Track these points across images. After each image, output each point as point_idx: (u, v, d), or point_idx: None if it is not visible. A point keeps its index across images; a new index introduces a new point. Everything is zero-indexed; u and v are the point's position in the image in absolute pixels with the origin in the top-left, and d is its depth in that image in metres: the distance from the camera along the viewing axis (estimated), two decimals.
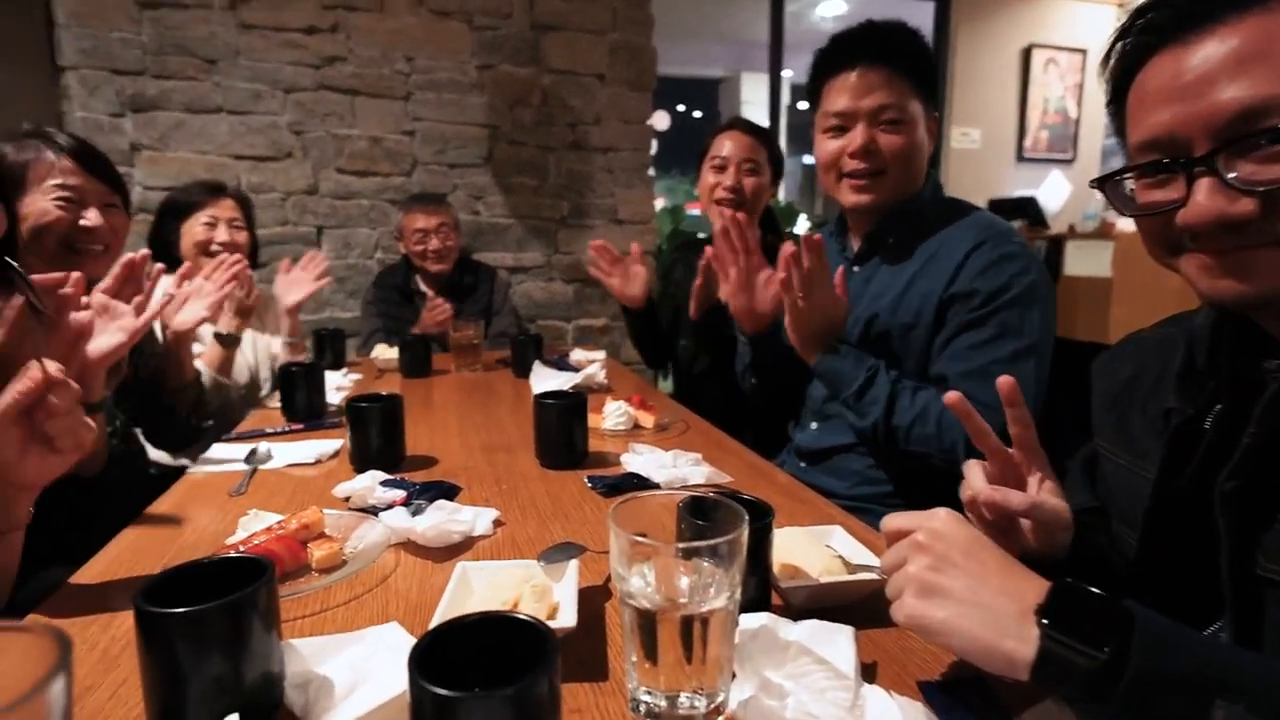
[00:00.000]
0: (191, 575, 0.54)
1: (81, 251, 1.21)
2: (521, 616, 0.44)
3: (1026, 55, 4.78)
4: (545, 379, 1.72)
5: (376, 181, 2.83)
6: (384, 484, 0.97)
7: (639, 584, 0.52)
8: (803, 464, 1.38)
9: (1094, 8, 4.91)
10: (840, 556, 0.72)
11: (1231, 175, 0.53)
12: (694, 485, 1.02)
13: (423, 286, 2.46)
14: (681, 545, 0.53)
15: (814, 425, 1.39)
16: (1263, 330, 0.60)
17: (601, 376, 1.75)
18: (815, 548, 0.73)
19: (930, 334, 1.20)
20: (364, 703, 0.51)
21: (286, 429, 1.36)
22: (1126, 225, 4.10)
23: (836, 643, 0.54)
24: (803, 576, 0.68)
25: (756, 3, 4.83)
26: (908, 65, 1.22)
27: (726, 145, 1.87)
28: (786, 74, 4.95)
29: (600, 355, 2.11)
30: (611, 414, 1.34)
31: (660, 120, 3.26)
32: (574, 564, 0.69)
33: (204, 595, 0.49)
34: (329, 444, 1.21)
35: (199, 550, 0.83)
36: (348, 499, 0.96)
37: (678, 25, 5.47)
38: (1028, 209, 4.33)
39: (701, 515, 0.56)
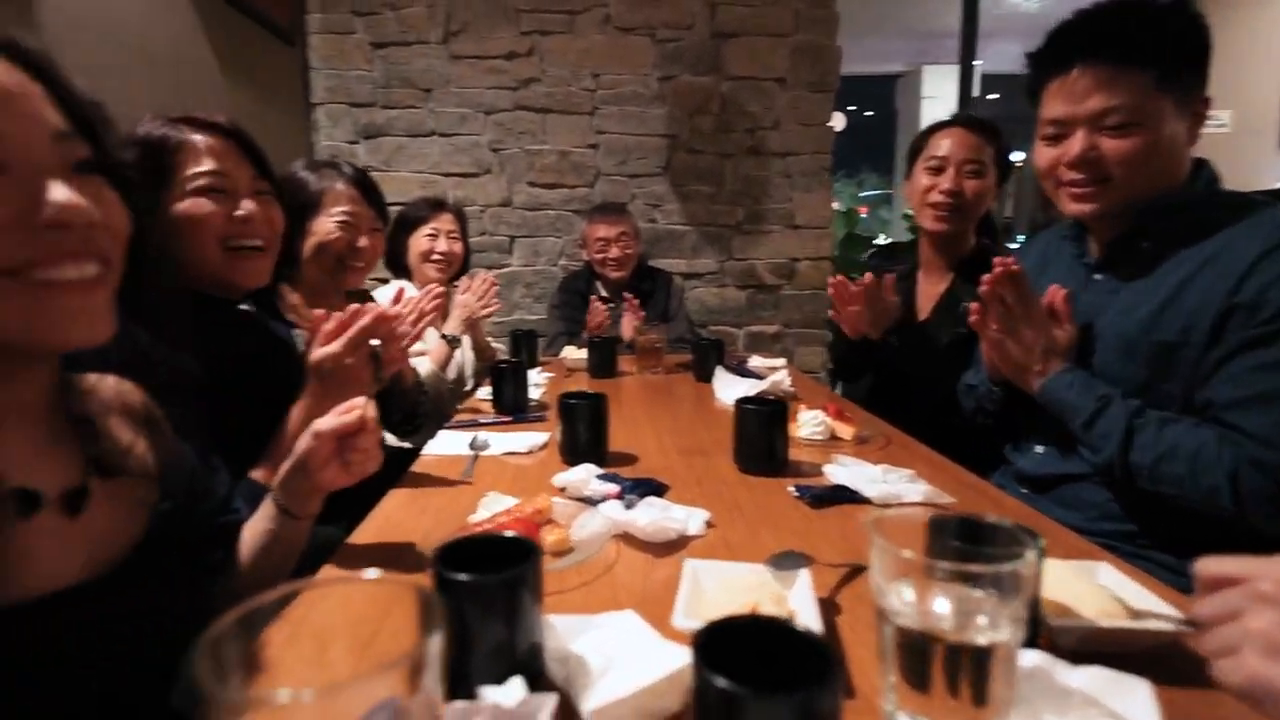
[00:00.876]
0: (466, 547, 0.59)
1: (349, 268, 1.40)
2: (800, 627, 0.43)
3: None
4: (729, 384, 1.72)
5: (563, 193, 3.00)
6: (599, 477, 1.01)
7: (898, 603, 0.49)
8: (1025, 490, 1.22)
9: None
10: (1119, 598, 0.64)
11: None
12: (913, 503, 0.97)
13: (602, 291, 2.57)
14: (954, 568, 0.49)
15: (1039, 449, 1.23)
16: None
17: (788, 384, 1.72)
18: (1083, 584, 0.65)
19: (1202, 353, 1.01)
20: (623, 684, 0.53)
21: (496, 420, 1.47)
22: None
23: (1133, 697, 0.48)
24: (1074, 616, 0.61)
25: None
26: (1152, 52, 1.03)
27: (945, 144, 1.70)
28: (978, 64, 4.61)
29: (781, 363, 2.08)
30: (807, 423, 1.31)
31: (838, 122, 3.15)
32: (806, 573, 0.67)
33: (478, 566, 0.54)
34: (537, 436, 1.29)
35: (445, 524, 0.91)
36: (563, 489, 1.01)
37: (858, 21, 5.29)
38: None
39: (966, 536, 0.52)
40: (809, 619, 0.60)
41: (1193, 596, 0.51)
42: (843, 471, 1.07)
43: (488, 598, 0.53)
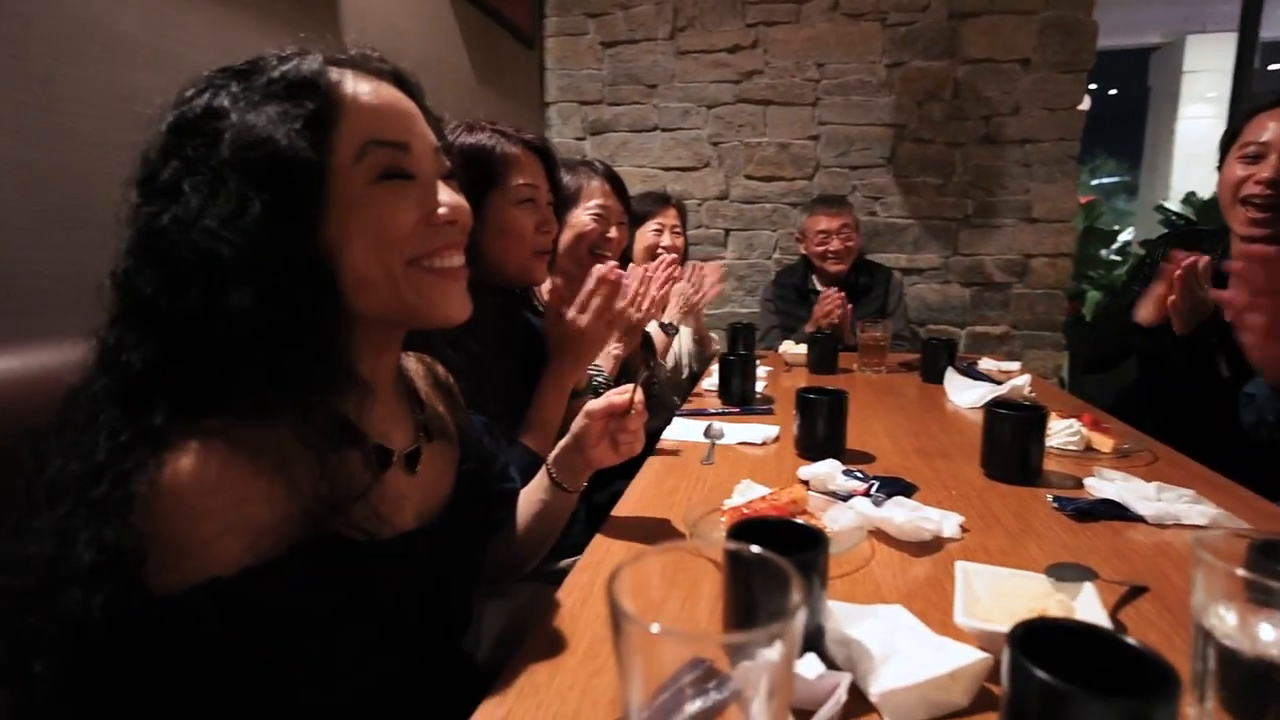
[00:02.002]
0: (753, 528, 0.66)
1: (599, 257, 1.54)
2: (1133, 641, 0.44)
3: None
4: (962, 387, 1.65)
5: (780, 186, 3.00)
6: (844, 473, 1.04)
7: (1219, 623, 0.48)
8: None
9: None
10: None
11: None
12: (1192, 526, 0.89)
13: (818, 285, 2.55)
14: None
15: None
16: None
17: (1029, 390, 1.61)
18: None
19: None
20: (908, 673, 0.56)
21: (724, 410, 1.54)
22: None
23: None
24: None
25: None
26: None
27: (1269, 128, 1.40)
28: (1267, 32, 3.87)
29: (1017, 366, 1.95)
30: (1060, 432, 1.23)
31: (1085, 104, 2.83)
32: (1091, 587, 0.66)
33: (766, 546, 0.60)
34: (768, 428, 1.34)
35: (701, 503, 0.98)
36: (807, 482, 1.05)
37: None
38: None
39: None
40: None
41: None
42: (1109, 486, 1.00)
43: (785, 573, 0.59)
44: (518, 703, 0.58)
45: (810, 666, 0.56)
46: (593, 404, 0.87)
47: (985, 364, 2.03)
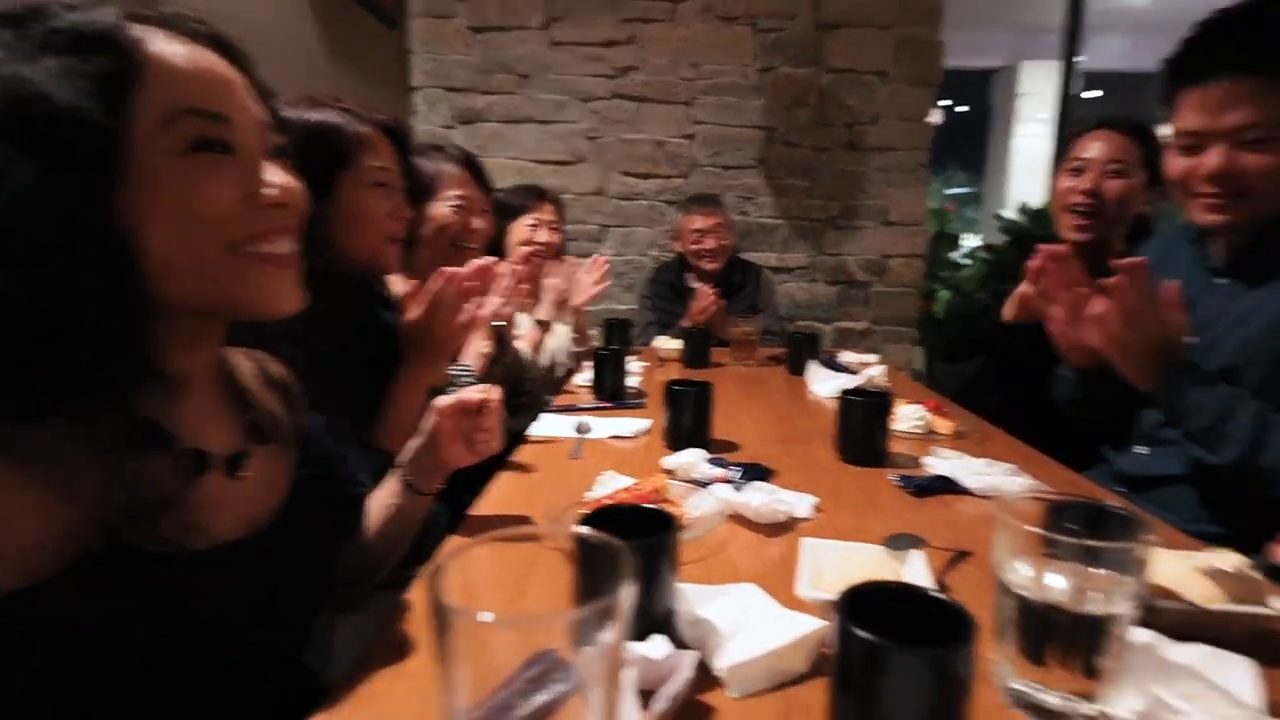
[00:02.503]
0: (605, 516, 0.66)
1: (463, 249, 1.48)
2: (940, 595, 0.47)
3: None
4: (823, 378, 1.74)
5: (657, 183, 3.05)
6: (708, 461, 1.06)
7: (1019, 576, 0.53)
8: (1120, 488, 1.22)
9: None
10: (1220, 583, 0.65)
11: None
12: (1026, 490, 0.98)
13: (693, 283, 2.61)
14: (1084, 543, 0.52)
15: (1141, 450, 1.24)
16: None
17: (883, 379, 1.72)
18: (1186, 569, 0.68)
19: None
20: (753, 646, 0.58)
21: (596, 405, 1.54)
22: None
23: (1236, 673, 0.52)
24: (1180, 600, 0.64)
25: None
26: None
27: (1091, 147, 1.63)
28: (1080, 60, 4.38)
29: (875, 358, 2.08)
30: (907, 417, 1.32)
31: (935, 117, 3.08)
32: (919, 554, 0.71)
33: (616, 534, 0.60)
34: (639, 422, 1.35)
35: (562, 499, 0.97)
36: (672, 471, 1.07)
37: (957, 14, 5.10)
38: None
39: (1085, 522, 0.55)
40: None
41: None
42: (943, 464, 1.09)
43: (635, 561, 0.59)
44: (352, 712, 0.54)
45: (657, 648, 0.56)
46: (442, 401, 0.83)
47: (846, 357, 2.14)
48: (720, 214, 2.56)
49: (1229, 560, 0.66)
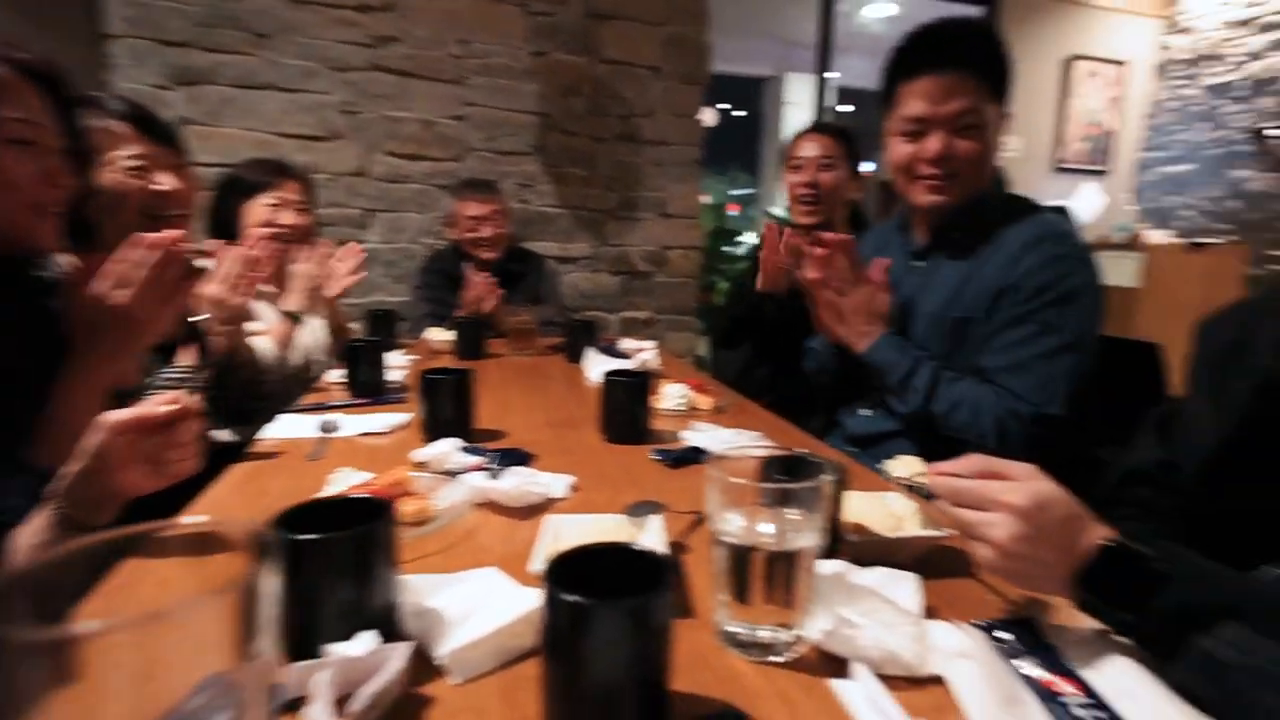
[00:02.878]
0: (313, 512, 0.57)
1: (160, 218, 1.22)
2: (638, 546, 0.47)
3: (1068, 66, 4.70)
4: (599, 364, 1.75)
5: (427, 166, 2.87)
6: (462, 450, 1.00)
7: (731, 526, 0.56)
8: (851, 448, 1.39)
9: (1138, 20, 4.81)
10: (902, 516, 0.75)
11: None
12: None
13: (470, 272, 2.51)
14: (770, 487, 0.57)
15: (865, 412, 1.42)
16: None
17: (656, 363, 1.77)
18: (878, 508, 0.77)
19: (983, 327, 1.23)
20: (480, 627, 0.54)
21: (351, 403, 1.40)
22: (1157, 237, 4.03)
23: (902, 588, 0.60)
24: (869, 532, 0.72)
25: (804, 1, 4.81)
26: (986, 67, 1.22)
27: (805, 147, 1.97)
28: (833, 76, 4.92)
29: (651, 344, 2.13)
30: (671, 396, 1.37)
31: (709, 116, 3.27)
32: (658, 517, 0.71)
33: (327, 530, 0.52)
34: (398, 416, 1.25)
35: (292, 502, 0.86)
36: (425, 464, 0.99)
37: (724, 21, 5.46)
38: None
39: (786, 472, 0.59)
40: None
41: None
42: (699, 436, 1.13)
43: (333, 557, 0.52)
44: None
45: (360, 645, 0.50)
46: (113, 416, 0.68)
47: (625, 344, 2.18)
48: (497, 200, 2.48)
49: (909, 465, 0.76)
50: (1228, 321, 0.81)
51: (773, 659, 0.55)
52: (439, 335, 2.07)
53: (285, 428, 1.20)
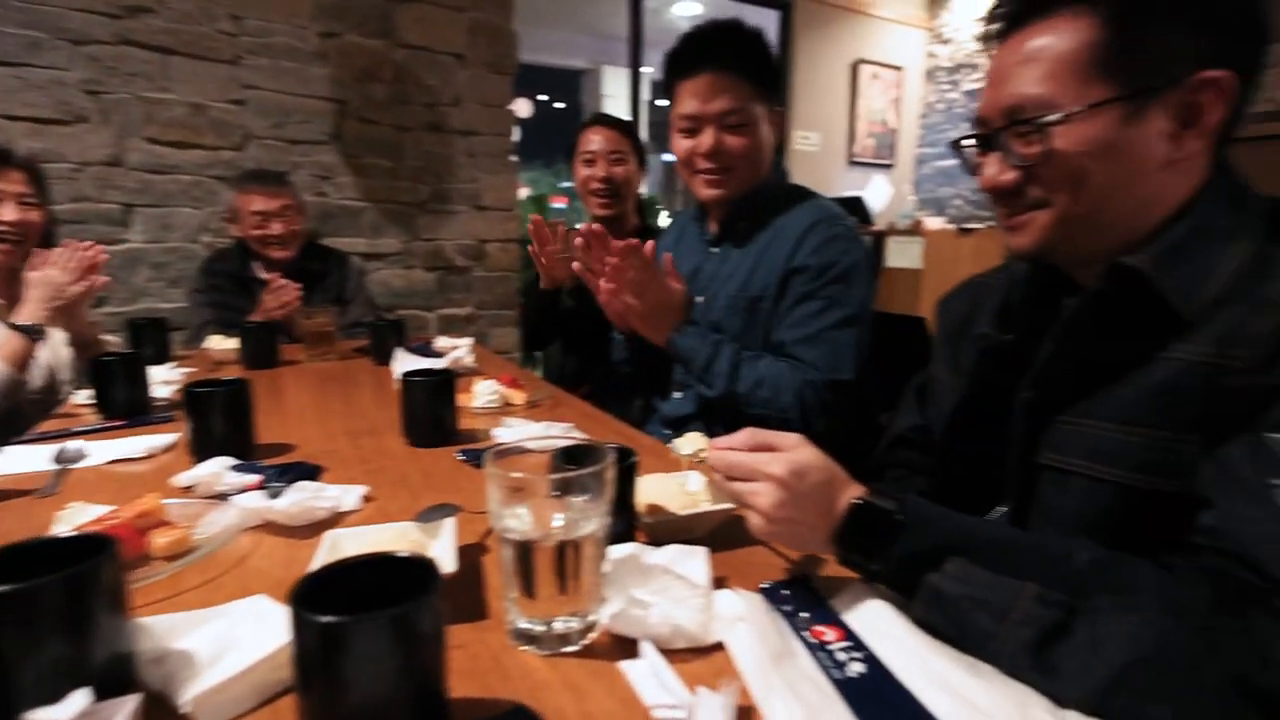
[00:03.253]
0: (21, 556, 0.48)
1: None
2: (402, 554, 0.44)
3: (855, 69, 5.22)
4: (409, 364, 1.66)
5: (200, 155, 2.54)
6: (234, 469, 0.90)
7: (515, 522, 0.55)
8: (667, 431, 1.45)
9: (909, 30, 5.46)
10: (695, 494, 0.79)
11: (1008, 153, 0.67)
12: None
13: (261, 273, 2.27)
14: (553, 477, 0.56)
15: (677, 395, 1.47)
16: (1067, 274, 0.74)
17: (469, 360, 1.72)
18: (674, 489, 0.80)
19: (775, 304, 1.32)
20: (232, 666, 0.48)
21: (103, 426, 1.21)
22: (934, 224, 4.62)
23: (692, 562, 0.62)
24: (664, 512, 0.74)
25: None
26: (750, 67, 1.30)
27: (594, 140, 1.99)
28: (646, 70, 5.05)
29: (467, 342, 2.05)
30: (481, 393, 1.32)
31: (522, 107, 3.22)
32: (451, 520, 0.68)
33: (37, 575, 0.44)
34: (162, 438, 1.09)
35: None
36: (191, 488, 0.88)
37: (538, 12, 5.40)
38: (856, 208, 4.73)
39: (573, 461, 0.59)
40: (447, 559, 0.61)
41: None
42: (508, 432, 1.10)
43: (34, 609, 0.43)
44: None
45: (70, 706, 0.42)
46: None
47: (441, 342, 2.08)
48: (288, 194, 2.24)
49: (694, 442, 0.79)
50: (960, 297, 0.92)
51: (567, 650, 0.55)
52: (221, 344, 1.85)
53: (9, 461, 1.01)
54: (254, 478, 0.88)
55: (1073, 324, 0.68)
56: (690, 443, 0.79)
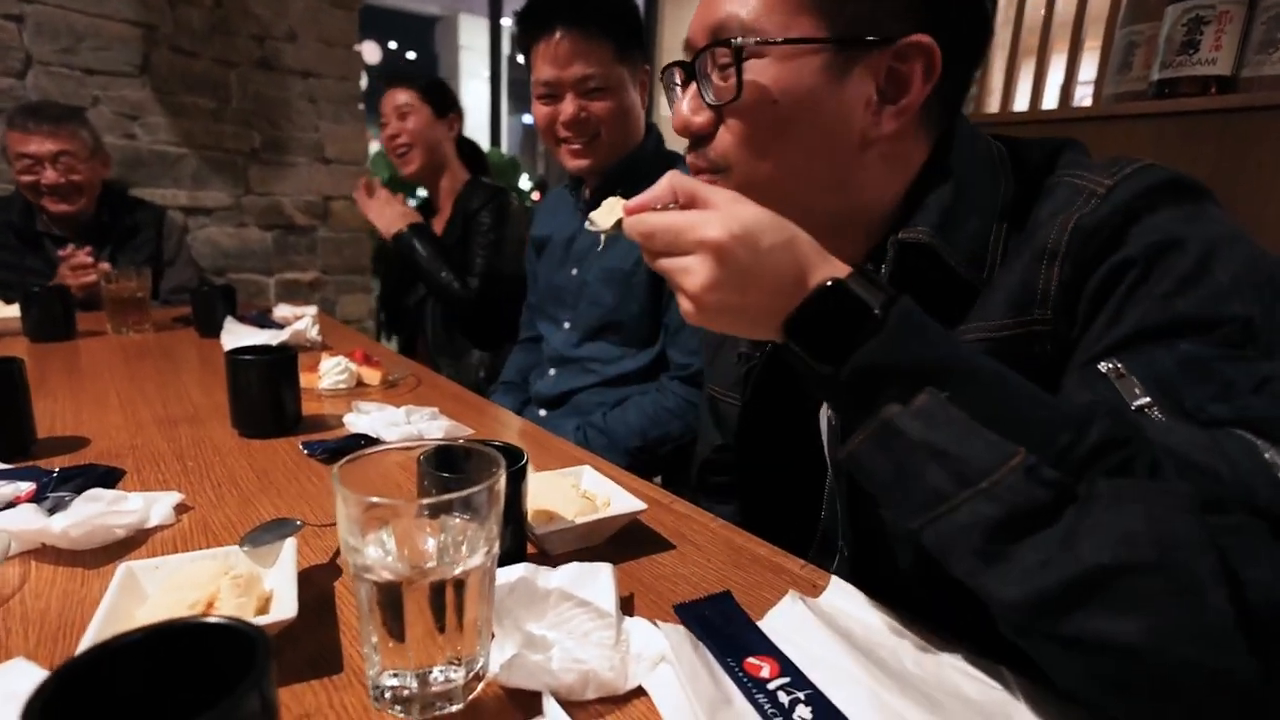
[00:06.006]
0: None
1: None
2: (211, 620, 0.33)
3: None
4: (242, 337, 1.45)
5: None
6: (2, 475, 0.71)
7: (377, 554, 0.43)
8: (542, 412, 1.37)
9: None
10: (592, 496, 0.71)
11: (704, 83, 0.59)
12: (433, 440, 0.94)
13: (54, 229, 1.92)
14: (428, 501, 0.45)
15: (552, 372, 1.40)
16: None
17: (314, 333, 1.53)
18: (566, 490, 0.71)
19: (649, 278, 1.28)
20: None
21: None
22: None
23: (596, 582, 0.53)
24: (558, 520, 0.65)
25: None
26: (610, 26, 1.22)
27: (386, 102, 1.91)
28: (506, 22, 4.77)
29: (312, 310, 1.85)
30: (330, 371, 1.17)
31: (370, 52, 2.92)
32: (290, 543, 0.56)
33: None
34: None
35: None
36: None
37: None
38: None
39: (449, 467, 0.49)
40: (286, 598, 0.50)
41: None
42: (363, 419, 0.97)
43: None
44: None
45: None
46: None
47: (281, 311, 1.86)
48: (70, 137, 1.87)
49: (612, 210, 0.63)
50: None
51: (449, 710, 0.44)
52: (3, 312, 1.54)
53: None
54: (26, 486, 0.71)
55: None
56: (609, 211, 0.62)
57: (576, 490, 0.72)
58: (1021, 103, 1.90)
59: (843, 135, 0.58)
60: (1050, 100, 1.86)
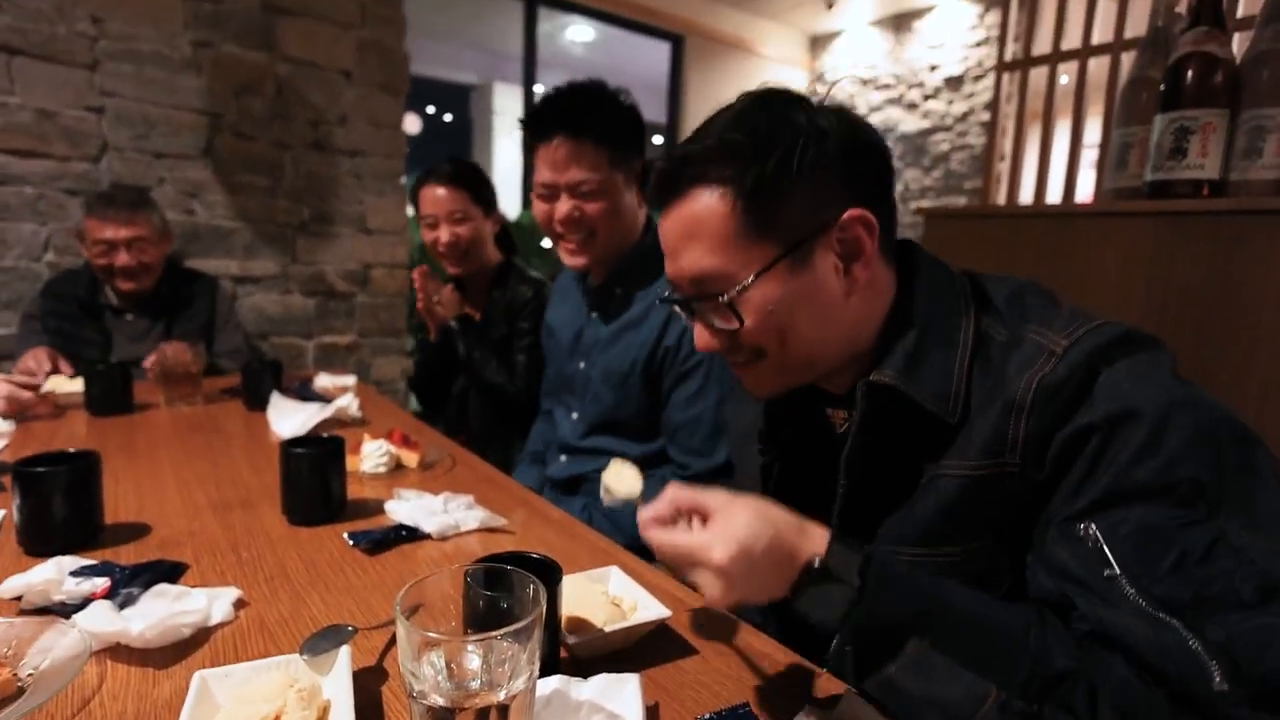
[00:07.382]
0: None
1: None
2: None
3: None
4: (287, 413, 1.53)
5: (48, 165, 2.27)
6: (75, 573, 0.77)
7: (429, 674, 0.48)
8: (553, 493, 1.42)
9: (792, 70, 5.77)
10: (619, 601, 0.75)
11: (708, 324, 0.72)
12: (470, 531, 0.99)
13: (116, 300, 2.03)
14: (477, 638, 0.50)
15: (563, 458, 1.44)
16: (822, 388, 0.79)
17: (355, 409, 1.60)
18: (595, 594, 0.75)
19: (644, 380, 1.29)
20: None
21: None
22: None
23: (623, 695, 0.57)
24: (588, 628, 0.69)
25: (509, 14, 4.83)
26: (607, 134, 1.27)
27: (431, 200, 1.81)
28: (540, 89, 5.02)
29: (350, 382, 1.93)
30: (371, 455, 1.23)
31: (412, 124, 3.09)
32: (345, 651, 0.61)
33: None
34: None
35: None
36: (19, 599, 0.75)
37: (429, 24, 5.25)
38: None
39: (492, 586, 0.54)
40: (344, 709, 0.55)
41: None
42: (404, 507, 1.02)
43: None
44: None
45: None
46: None
47: (321, 380, 1.94)
48: (143, 222, 1.96)
49: (626, 480, 0.76)
50: (742, 398, 0.94)
51: None
52: (65, 385, 1.64)
53: None
54: (101, 582, 0.77)
55: (851, 457, 0.71)
56: (620, 480, 0.74)
57: (605, 596, 0.76)
58: (1026, 195, 1.96)
59: (830, 298, 0.69)
60: (1054, 194, 1.92)
